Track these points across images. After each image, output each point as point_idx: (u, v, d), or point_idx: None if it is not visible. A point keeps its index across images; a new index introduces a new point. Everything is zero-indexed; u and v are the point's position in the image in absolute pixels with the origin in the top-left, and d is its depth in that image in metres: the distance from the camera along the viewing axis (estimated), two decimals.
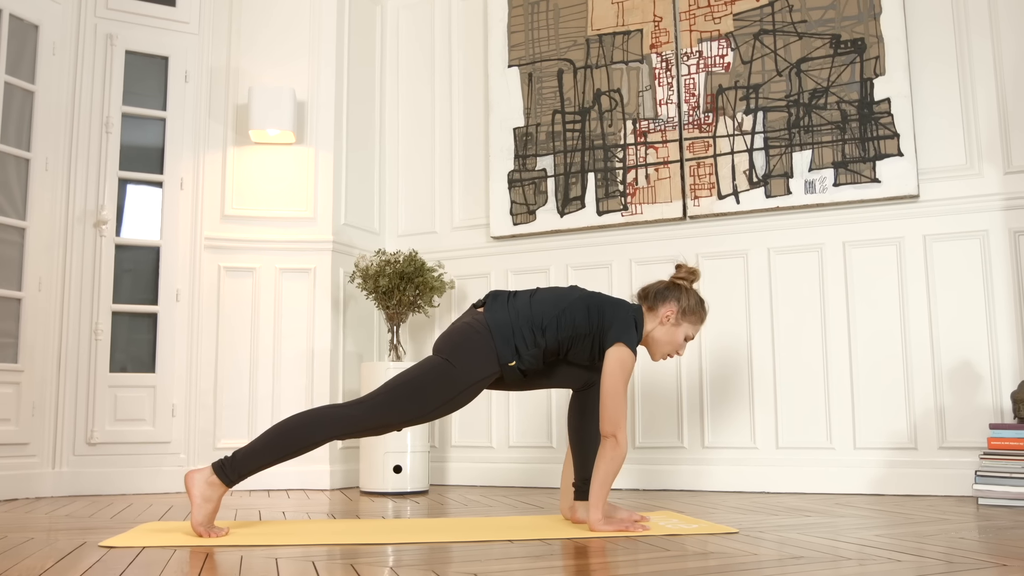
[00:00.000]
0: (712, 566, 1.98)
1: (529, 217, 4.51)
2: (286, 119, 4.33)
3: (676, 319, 2.75)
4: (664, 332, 2.76)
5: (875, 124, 3.85)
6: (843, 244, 3.91)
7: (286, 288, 4.41)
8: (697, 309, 2.78)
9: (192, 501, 2.48)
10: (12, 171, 3.94)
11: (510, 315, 2.64)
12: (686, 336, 2.78)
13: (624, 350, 2.62)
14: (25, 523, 2.93)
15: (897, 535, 2.47)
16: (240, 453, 2.53)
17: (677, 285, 2.80)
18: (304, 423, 2.53)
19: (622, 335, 2.62)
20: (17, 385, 3.87)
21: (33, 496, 3.88)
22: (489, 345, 2.59)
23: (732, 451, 4.00)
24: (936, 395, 3.69)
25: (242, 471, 2.51)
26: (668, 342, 2.77)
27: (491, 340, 2.59)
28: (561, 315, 2.65)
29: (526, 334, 2.61)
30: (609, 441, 2.59)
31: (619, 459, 2.59)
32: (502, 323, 2.62)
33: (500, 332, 2.60)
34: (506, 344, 2.59)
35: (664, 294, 2.77)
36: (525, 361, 2.62)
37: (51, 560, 2.12)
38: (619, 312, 2.68)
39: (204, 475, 2.51)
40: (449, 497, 3.85)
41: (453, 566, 2.02)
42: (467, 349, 2.60)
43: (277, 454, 2.53)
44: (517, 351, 2.61)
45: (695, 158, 4.17)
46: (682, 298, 2.76)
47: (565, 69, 4.52)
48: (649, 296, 2.80)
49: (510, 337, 2.60)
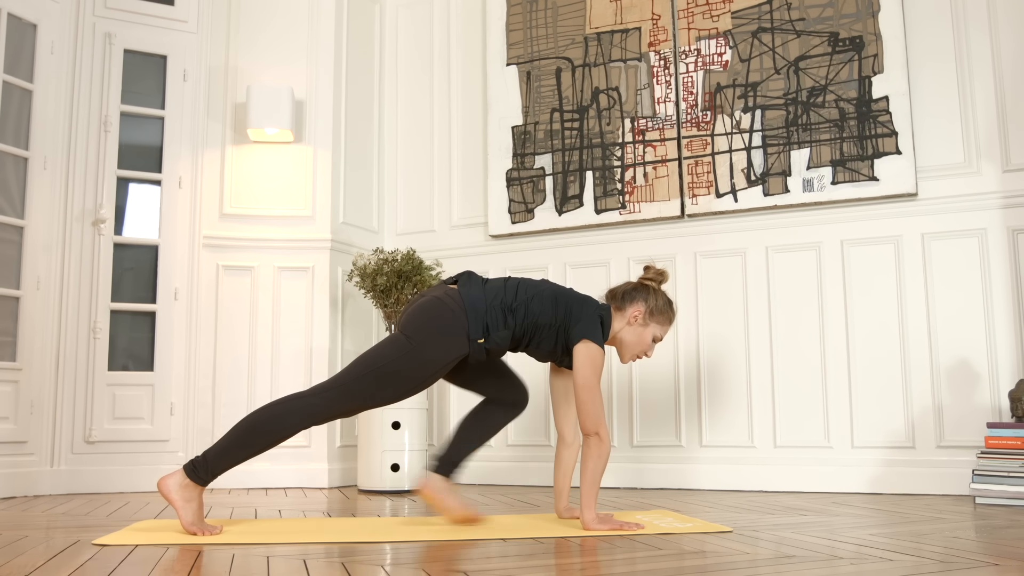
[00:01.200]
0: (703, 564, 1.98)
1: (527, 216, 4.50)
2: (284, 118, 4.33)
3: (644, 320, 2.75)
4: (632, 333, 2.76)
5: (873, 122, 3.84)
6: (841, 242, 3.90)
7: (284, 287, 4.41)
8: (665, 310, 2.78)
9: (174, 506, 2.48)
10: (10, 170, 3.95)
11: (485, 294, 2.63)
12: (654, 337, 2.78)
13: (591, 346, 2.61)
14: (21, 521, 2.93)
15: (892, 534, 2.46)
16: (211, 452, 2.50)
17: (645, 286, 2.80)
18: (272, 416, 2.50)
19: (587, 331, 2.62)
20: (16, 384, 3.88)
21: (32, 494, 3.89)
22: (461, 321, 2.56)
23: (730, 450, 3.99)
24: (934, 394, 3.68)
25: (214, 470, 2.49)
26: (636, 343, 2.77)
27: (463, 316, 2.57)
28: (530, 301, 2.65)
29: (497, 314, 2.60)
30: (592, 439, 2.58)
31: (604, 456, 2.59)
32: (476, 299, 2.60)
33: (474, 308, 2.58)
34: (478, 320, 2.58)
35: (632, 295, 2.77)
36: (493, 341, 2.60)
37: (43, 558, 2.12)
38: (585, 309, 2.68)
39: (177, 479, 2.49)
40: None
41: (444, 564, 2.01)
42: (438, 327, 2.56)
43: (248, 450, 2.50)
44: (487, 329, 2.59)
45: (693, 156, 4.17)
46: (650, 299, 2.76)
47: (563, 67, 4.51)
48: (617, 297, 2.79)
49: (483, 314, 2.59)
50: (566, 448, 2.89)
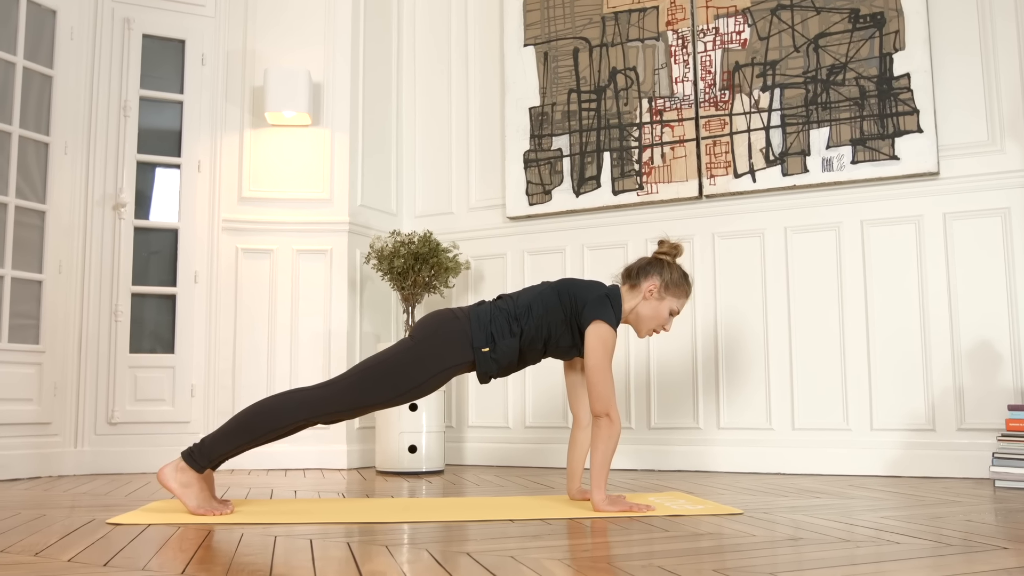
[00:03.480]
0: (707, 546, 1.97)
1: (545, 197, 4.49)
2: (302, 101, 4.34)
3: (660, 293, 2.75)
4: (648, 307, 2.75)
5: (894, 100, 3.77)
6: (861, 223, 3.85)
7: (303, 269, 4.43)
8: (681, 283, 2.78)
9: (175, 493, 2.50)
10: (31, 155, 3.99)
11: (491, 308, 2.68)
12: (671, 311, 2.78)
13: (602, 326, 2.61)
14: (42, 500, 2.98)
15: (904, 517, 2.43)
16: (208, 439, 2.52)
17: (659, 260, 2.80)
18: (271, 407, 2.53)
19: (596, 312, 2.62)
20: (39, 366, 3.94)
21: (56, 474, 3.96)
22: (464, 331, 2.61)
23: (748, 432, 3.97)
24: (955, 376, 3.63)
25: (211, 456, 2.51)
26: (653, 317, 2.77)
27: (467, 326, 2.62)
28: (534, 302, 2.67)
29: (501, 323, 2.64)
30: (602, 420, 2.58)
31: (615, 437, 2.59)
32: (482, 312, 2.67)
33: (478, 319, 2.63)
34: (482, 330, 2.61)
35: (646, 269, 2.77)
36: (499, 351, 2.62)
37: (56, 537, 2.16)
38: (592, 292, 2.68)
39: (173, 465, 2.51)
40: (463, 477, 3.87)
41: (448, 544, 2.02)
42: (442, 334, 2.61)
43: (245, 438, 2.52)
44: (493, 338, 2.62)
45: (711, 136, 4.12)
46: (664, 272, 2.76)
47: (581, 48, 4.48)
48: (632, 273, 2.80)
49: (487, 324, 2.62)
50: (580, 430, 2.89)
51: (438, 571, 1.70)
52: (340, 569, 1.73)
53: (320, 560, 1.83)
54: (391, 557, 1.87)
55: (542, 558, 1.84)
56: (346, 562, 1.81)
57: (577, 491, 2.87)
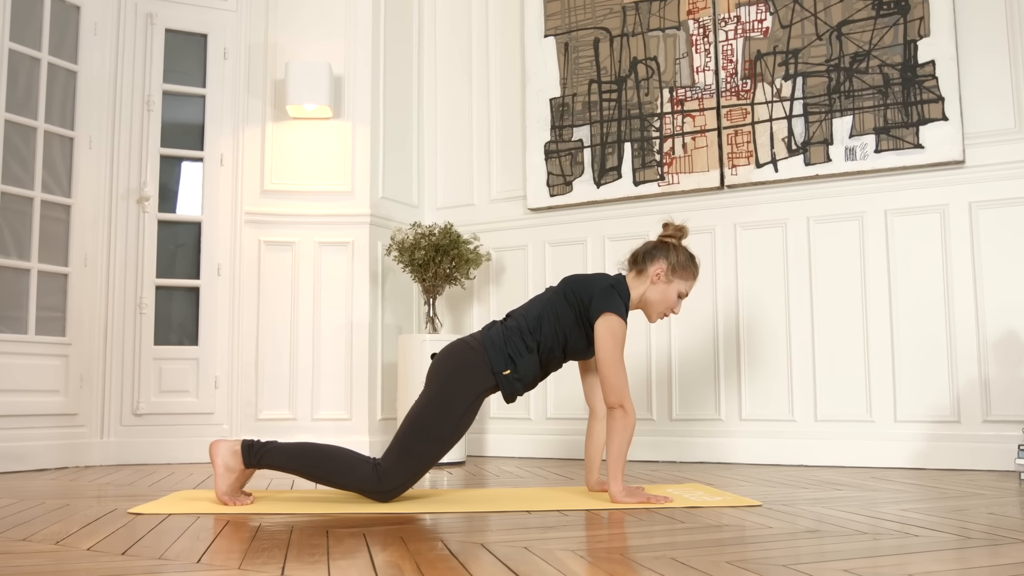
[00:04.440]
0: (722, 538, 1.96)
1: (566, 188, 4.48)
2: (323, 94, 4.36)
3: (667, 277, 2.74)
4: (657, 291, 2.74)
5: (919, 88, 3.72)
6: (885, 212, 3.80)
7: (325, 261, 4.45)
8: (688, 264, 2.76)
9: (215, 470, 2.53)
10: (57, 150, 4.04)
11: (503, 330, 2.67)
12: (679, 293, 2.77)
13: (611, 318, 2.60)
14: (68, 490, 3.03)
15: (925, 509, 2.41)
16: (273, 445, 2.55)
17: (665, 243, 2.78)
18: (345, 459, 2.54)
19: (605, 304, 2.61)
20: (65, 358, 3.99)
21: (83, 465, 4.01)
22: (482, 358, 2.61)
23: (770, 423, 3.94)
24: (980, 367, 3.58)
25: (263, 459, 2.52)
26: (662, 301, 2.76)
27: (484, 353, 2.61)
28: (543, 313, 2.67)
29: (516, 342, 2.63)
30: (617, 412, 2.57)
31: (630, 428, 2.58)
32: (495, 335, 2.65)
33: (492, 344, 2.63)
34: (499, 353, 2.61)
35: (652, 253, 2.76)
36: (520, 370, 2.62)
37: (77, 526, 2.19)
38: (596, 284, 2.67)
39: (230, 445, 2.55)
40: (484, 468, 3.88)
41: (463, 535, 2.03)
42: (460, 368, 2.61)
43: (301, 467, 2.53)
44: (512, 359, 2.61)
45: (733, 126, 4.09)
46: (671, 255, 2.75)
47: (601, 38, 4.46)
48: (638, 258, 2.79)
49: (503, 347, 2.62)
50: (597, 422, 2.88)
51: (450, 561, 1.71)
52: (353, 559, 1.74)
53: (335, 549, 1.85)
54: (405, 547, 1.88)
55: (556, 549, 1.84)
56: (360, 552, 1.82)
57: (596, 483, 2.86)
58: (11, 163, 3.83)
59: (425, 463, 2.57)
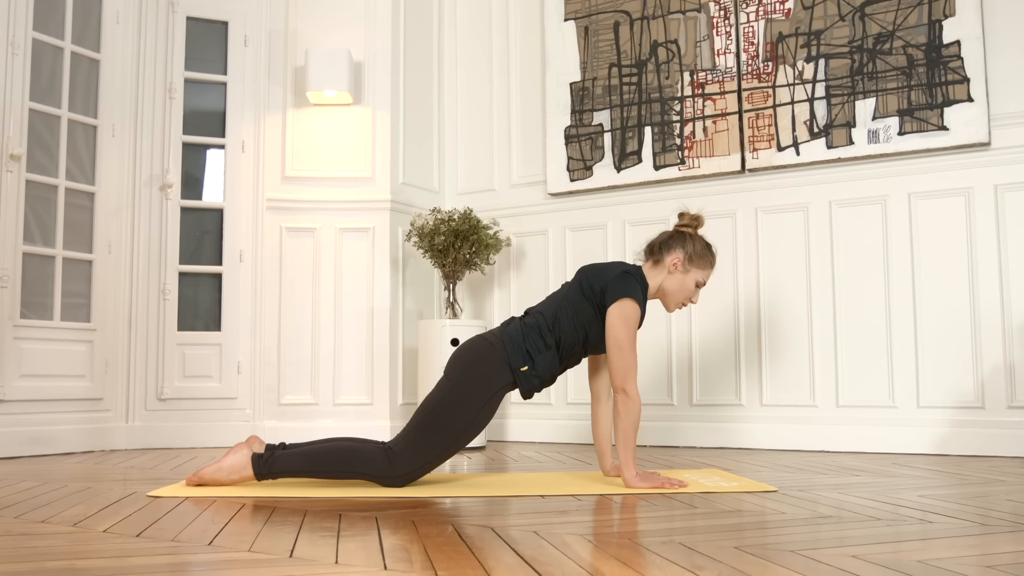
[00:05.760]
0: (732, 523, 1.95)
1: (586, 173, 4.46)
2: (342, 80, 4.37)
3: (684, 266, 2.72)
4: (674, 281, 2.73)
5: (943, 69, 3.66)
6: (908, 196, 3.75)
7: (346, 247, 4.47)
8: (704, 253, 2.74)
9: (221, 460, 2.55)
10: (80, 138, 4.09)
11: (521, 326, 2.66)
12: (697, 282, 2.75)
13: (625, 303, 2.59)
14: (91, 473, 3.08)
15: (943, 496, 2.38)
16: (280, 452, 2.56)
17: (681, 233, 2.77)
18: (350, 448, 2.56)
19: (621, 290, 2.60)
20: (91, 343, 4.05)
21: (108, 449, 4.07)
22: (500, 354, 2.60)
23: (791, 409, 3.92)
24: (1006, 352, 3.53)
25: (273, 467, 2.54)
26: (679, 290, 2.74)
27: (502, 349, 2.61)
28: (560, 308, 2.66)
29: (535, 338, 2.62)
30: (620, 396, 2.56)
31: (633, 413, 2.56)
32: (513, 332, 2.65)
33: (511, 339, 2.62)
34: (517, 350, 2.61)
35: (669, 243, 2.75)
36: (538, 366, 2.62)
37: (96, 508, 2.22)
38: (611, 271, 2.66)
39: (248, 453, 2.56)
40: (504, 453, 3.89)
41: (475, 519, 2.04)
42: (478, 364, 2.60)
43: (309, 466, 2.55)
44: (530, 356, 2.61)
45: (754, 109, 4.05)
46: (687, 244, 2.73)
47: (621, 21, 4.42)
48: (654, 248, 2.77)
49: (521, 343, 2.61)
50: (600, 405, 2.88)
51: (458, 545, 1.72)
52: (362, 541, 1.76)
53: (345, 532, 1.86)
54: (415, 530, 1.89)
55: (564, 533, 1.85)
56: (371, 535, 1.83)
57: (611, 467, 2.86)
58: (36, 151, 3.88)
59: (438, 453, 2.57)
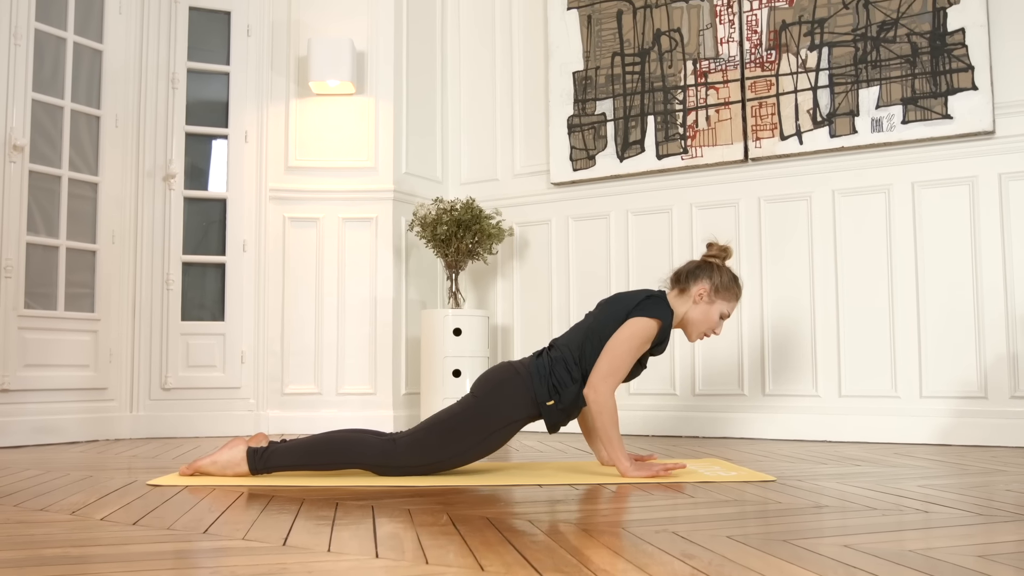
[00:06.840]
0: (727, 513, 1.95)
1: (589, 162, 4.45)
2: (345, 70, 4.36)
3: (710, 297, 2.70)
4: (699, 311, 2.71)
5: (948, 57, 3.64)
6: (912, 185, 3.73)
7: (349, 237, 4.48)
8: (731, 286, 2.72)
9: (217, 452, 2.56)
10: (83, 128, 4.10)
11: (548, 359, 2.64)
12: (721, 314, 2.73)
13: (646, 321, 2.58)
14: (94, 462, 3.09)
15: (941, 486, 2.38)
16: (274, 446, 2.56)
17: (709, 263, 2.74)
18: (343, 440, 2.56)
19: (648, 311, 2.59)
20: (95, 333, 4.07)
21: (112, 438, 4.10)
22: (527, 385, 2.59)
23: (793, 399, 3.91)
24: (1009, 342, 3.52)
25: (268, 462, 2.54)
26: (703, 321, 2.72)
27: (529, 380, 2.59)
28: (585, 340, 2.64)
29: (561, 373, 2.60)
30: (588, 393, 2.56)
31: (605, 410, 2.54)
32: (540, 365, 2.63)
33: (539, 373, 2.60)
34: (543, 383, 2.59)
35: (696, 273, 2.72)
36: (564, 399, 2.60)
37: (95, 497, 2.24)
38: (640, 295, 2.66)
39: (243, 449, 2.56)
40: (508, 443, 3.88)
41: (469, 508, 2.04)
42: (503, 390, 2.59)
43: (306, 459, 2.55)
44: (556, 390, 2.59)
45: (757, 98, 4.03)
46: (714, 276, 2.71)
47: (624, 10, 4.41)
48: (681, 277, 2.75)
49: (547, 377, 2.60)
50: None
51: (452, 534, 1.72)
52: (356, 530, 1.76)
53: (340, 520, 1.87)
54: (410, 519, 1.89)
55: (558, 522, 1.85)
56: (365, 523, 1.84)
57: (607, 458, 2.86)
58: (39, 142, 3.89)
59: (440, 458, 2.57)
